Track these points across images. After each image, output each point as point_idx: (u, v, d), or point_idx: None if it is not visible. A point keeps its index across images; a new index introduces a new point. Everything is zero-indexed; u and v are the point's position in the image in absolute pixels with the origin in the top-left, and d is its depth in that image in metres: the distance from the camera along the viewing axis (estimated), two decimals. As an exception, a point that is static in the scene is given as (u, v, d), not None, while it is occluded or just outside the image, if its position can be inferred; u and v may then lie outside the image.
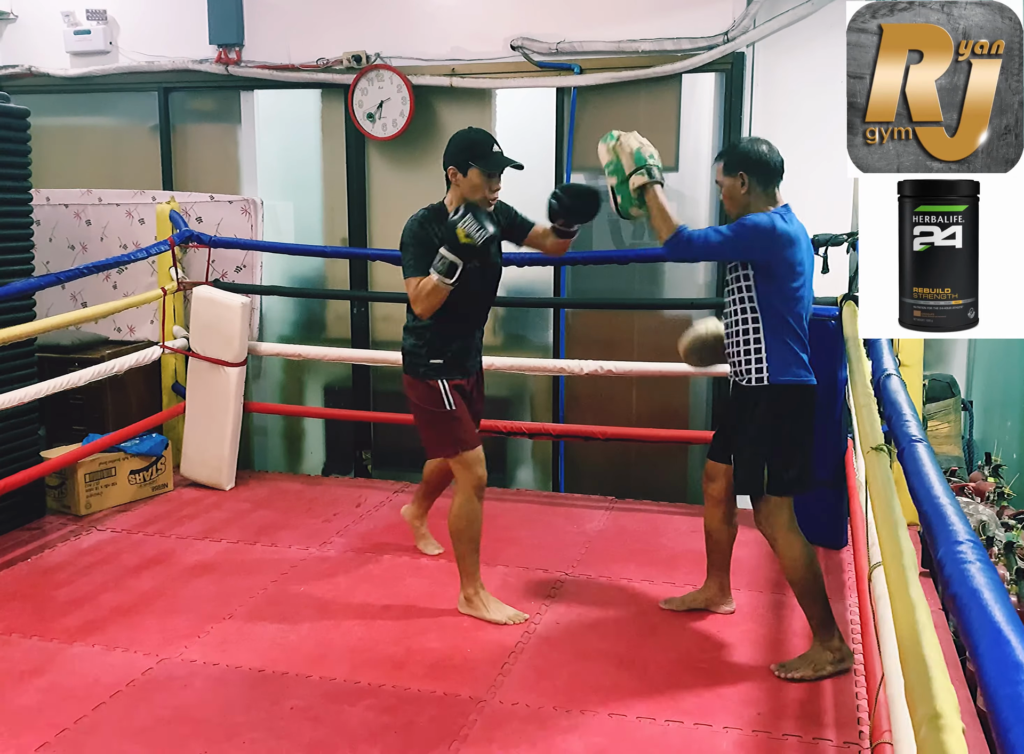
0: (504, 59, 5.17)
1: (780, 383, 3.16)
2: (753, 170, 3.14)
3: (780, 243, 3.08)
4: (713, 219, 5.11)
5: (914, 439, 1.77)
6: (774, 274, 3.12)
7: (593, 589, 3.88)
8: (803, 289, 3.17)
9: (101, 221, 5.78)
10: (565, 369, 4.82)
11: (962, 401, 5.22)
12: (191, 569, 4.09)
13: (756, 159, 3.15)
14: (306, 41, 5.44)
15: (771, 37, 4.84)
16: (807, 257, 3.19)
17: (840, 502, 4.14)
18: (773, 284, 3.13)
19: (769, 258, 3.10)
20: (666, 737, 2.84)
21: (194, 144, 5.86)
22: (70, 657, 3.33)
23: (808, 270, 3.20)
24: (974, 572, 1.15)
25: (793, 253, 3.11)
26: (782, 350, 3.16)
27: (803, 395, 3.20)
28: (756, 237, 3.07)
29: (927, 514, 1.39)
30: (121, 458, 4.85)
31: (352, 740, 2.83)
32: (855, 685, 3.09)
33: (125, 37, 5.78)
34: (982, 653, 0.99)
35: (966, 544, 1.23)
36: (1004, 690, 0.92)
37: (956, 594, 1.13)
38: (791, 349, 3.17)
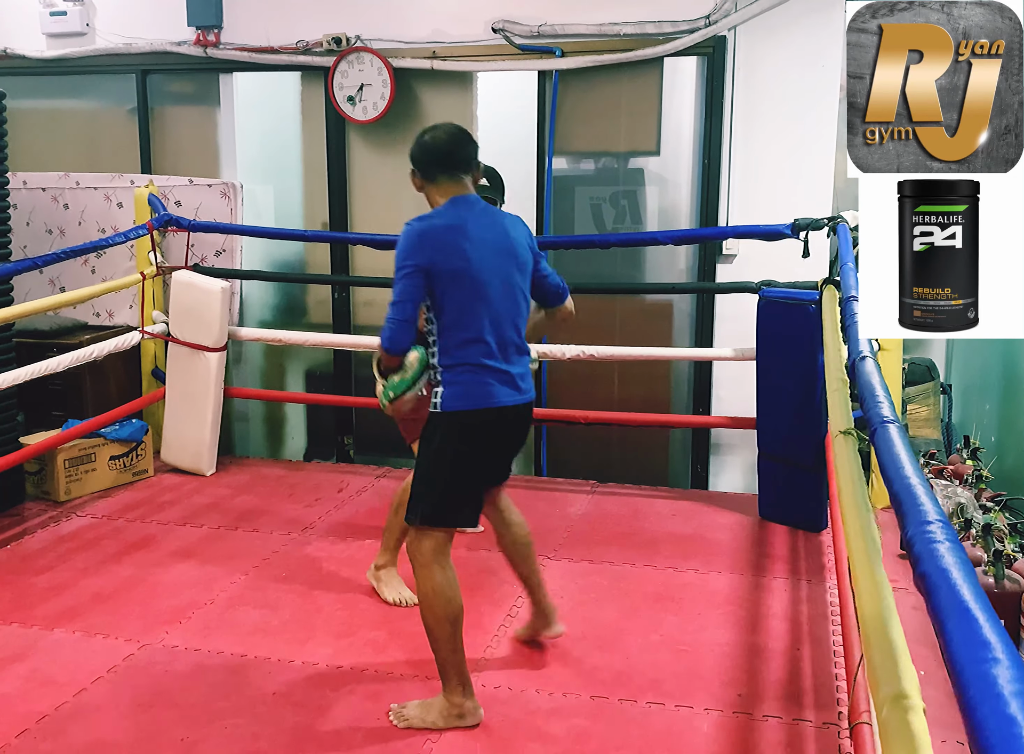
0: (485, 42, 5.14)
1: (441, 411, 2.78)
2: (417, 164, 2.84)
3: (421, 248, 2.70)
4: (695, 202, 5.12)
5: (885, 420, 1.78)
6: (436, 284, 2.71)
7: (575, 572, 3.89)
8: (474, 301, 2.72)
9: (79, 205, 5.73)
10: (547, 354, 4.82)
11: (941, 385, 5.25)
12: (172, 555, 4.08)
13: (415, 152, 2.84)
14: (286, 23, 5.40)
15: (752, 21, 4.83)
16: (481, 252, 2.73)
17: (820, 485, 4.16)
18: (440, 298, 2.73)
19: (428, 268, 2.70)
20: (648, 719, 2.86)
21: (173, 127, 5.81)
22: (51, 643, 3.32)
23: (483, 267, 2.73)
24: (943, 551, 1.15)
25: (442, 254, 2.70)
26: (451, 373, 2.77)
27: (450, 423, 2.78)
28: (405, 255, 2.70)
29: (897, 494, 1.39)
30: (101, 444, 4.82)
31: (335, 725, 2.83)
32: (834, 666, 3.12)
33: (102, 18, 5.71)
34: (950, 631, 1.00)
35: (935, 524, 1.24)
36: (971, 668, 0.93)
37: (925, 573, 1.13)
38: (452, 370, 2.77)
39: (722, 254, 5.04)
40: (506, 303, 2.79)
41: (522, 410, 2.88)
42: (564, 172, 5.31)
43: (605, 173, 5.33)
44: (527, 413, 2.93)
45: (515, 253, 2.83)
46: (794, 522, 4.35)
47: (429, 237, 2.72)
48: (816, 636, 3.34)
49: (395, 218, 5.40)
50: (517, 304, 2.84)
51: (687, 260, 5.20)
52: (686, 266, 5.22)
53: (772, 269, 4.54)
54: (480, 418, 2.79)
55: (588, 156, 5.35)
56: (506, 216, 2.93)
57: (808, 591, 3.69)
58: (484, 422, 2.79)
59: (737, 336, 4.73)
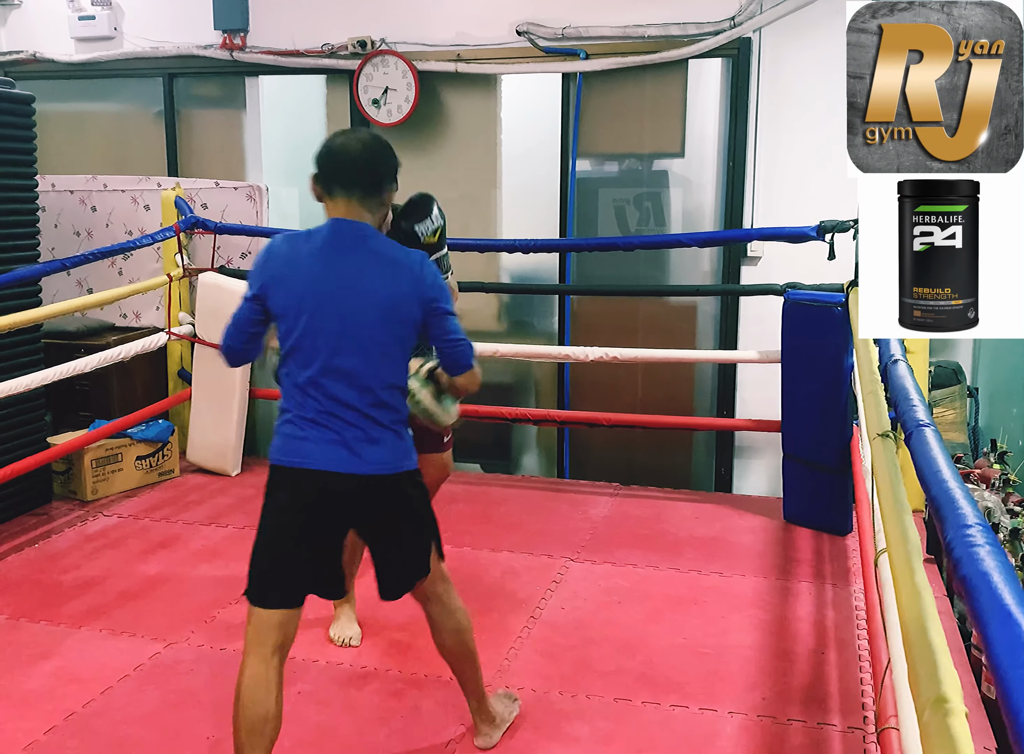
0: (509, 44, 5.15)
1: (269, 462, 2.38)
2: (319, 170, 2.39)
3: (261, 271, 2.34)
4: (719, 204, 5.10)
5: (921, 423, 1.77)
6: (273, 316, 2.35)
7: (598, 575, 3.89)
8: (304, 348, 2.28)
9: (106, 207, 5.78)
10: (570, 356, 4.81)
11: (967, 388, 5.20)
12: (197, 554, 4.10)
13: (319, 156, 2.40)
14: (311, 26, 5.43)
15: (778, 22, 4.81)
16: (323, 291, 2.27)
17: (846, 488, 4.14)
18: (278, 331, 2.36)
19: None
20: (671, 722, 2.85)
21: (199, 130, 5.85)
22: (77, 642, 3.35)
23: (320, 311, 2.27)
24: (983, 555, 1.14)
25: (268, 281, 2.31)
26: (280, 419, 2.36)
27: (269, 477, 2.37)
28: (252, 273, 2.37)
29: (935, 498, 1.38)
30: (127, 444, 4.86)
31: (359, 724, 2.84)
32: (859, 671, 3.10)
33: (130, 23, 5.76)
34: (991, 635, 0.99)
35: (975, 527, 1.23)
36: (1014, 672, 0.92)
37: (965, 576, 1.12)
38: (281, 416, 2.36)
39: (747, 256, 5.02)
40: (352, 358, 2.27)
41: (356, 483, 2.29)
42: (588, 174, 5.31)
43: (629, 175, 5.32)
44: (370, 490, 2.31)
45: (380, 302, 2.28)
46: (819, 525, 4.33)
47: (270, 260, 2.34)
48: (841, 640, 3.32)
49: (419, 220, 5.43)
50: (371, 363, 2.29)
51: (711, 262, 5.19)
52: (710, 268, 5.20)
53: (797, 271, 4.52)
54: (286, 478, 2.31)
55: (612, 158, 5.34)
56: (395, 257, 2.34)
57: (833, 595, 3.67)
58: (291, 484, 2.30)
59: (762, 338, 4.71)
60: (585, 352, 4.74)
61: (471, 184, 5.40)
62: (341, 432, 2.28)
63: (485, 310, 5.51)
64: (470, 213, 5.41)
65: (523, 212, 5.42)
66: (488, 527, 4.40)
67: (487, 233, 5.40)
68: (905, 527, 1.61)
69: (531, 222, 5.34)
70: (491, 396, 5.27)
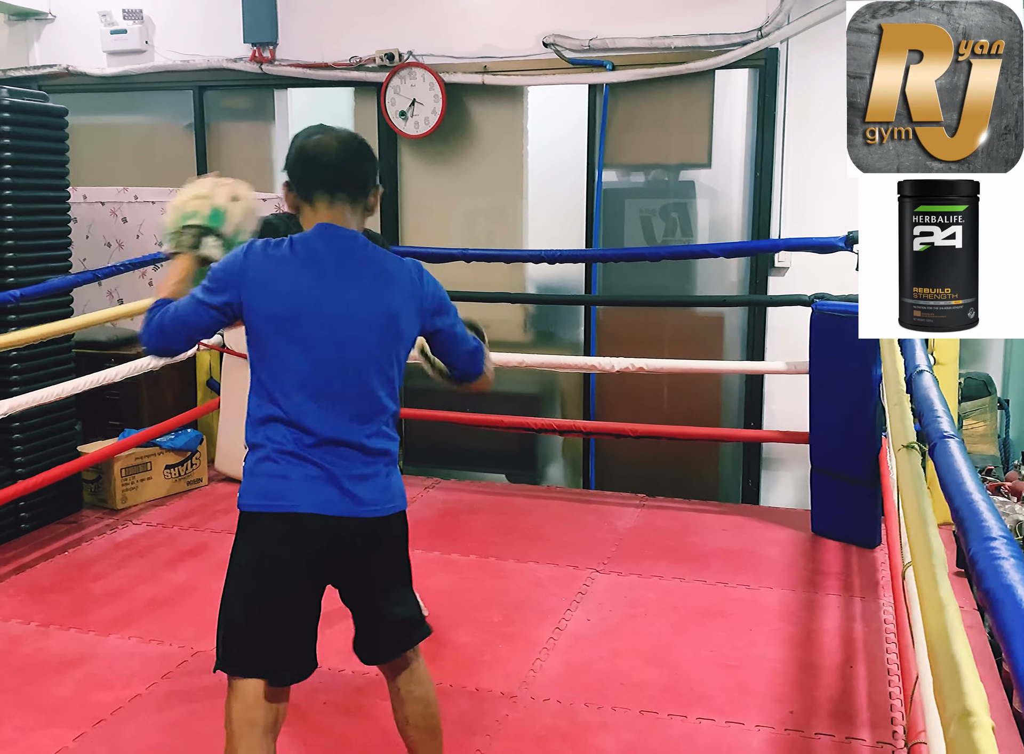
0: (536, 56, 5.17)
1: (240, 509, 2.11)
2: (292, 175, 2.16)
3: (237, 280, 2.06)
4: (747, 215, 5.09)
5: (945, 435, 1.75)
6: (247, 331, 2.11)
7: (624, 586, 3.88)
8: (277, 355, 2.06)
9: (137, 219, 5.84)
10: (596, 366, 4.81)
11: (998, 400, 5.16)
12: (225, 563, 4.11)
13: (291, 159, 2.16)
14: (339, 39, 5.47)
15: (805, 33, 4.80)
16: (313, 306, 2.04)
17: (874, 501, 4.11)
18: (252, 349, 2.13)
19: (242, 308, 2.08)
20: (697, 735, 2.83)
21: (228, 142, 5.91)
22: (107, 649, 3.37)
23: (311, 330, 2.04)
24: (1008, 568, 1.13)
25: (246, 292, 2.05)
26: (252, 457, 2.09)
27: (242, 528, 2.11)
28: (222, 278, 2.08)
29: (959, 510, 1.37)
30: (157, 453, 4.91)
31: (385, 734, 2.84)
32: (888, 685, 3.07)
33: (161, 36, 5.84)
34: (1016, 649, 0.98)
35: (999, 540, 1.22)
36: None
37: (989, 590, 1.11)
38: (254, 452, 2.08)
39: (774, 266, 5.00)
40: (343, 381, 2.06)
41: (353, 528, 2.04)
42: (614, 185, 5.31)
43: (655, 185, 5.32)
44: (370, 535, 2.08)
45: (376, 318, 2.07)
46: (847, 538, 4.29)
47: (249, 268, 2.06)
48: (870, 654, 3.29)
49: (445, 232, 5.46)
50: (365, 386, 2.08)
51: (739, 272, 5.17)
52: (738, 278, 5.19)
53: (825, 281, 4.50)
54: (270, 527, 2.03)
55: (638, 168, 5.34)
56: (390, 268, 2.13)
57: (862, 608, 3.64)
58: (280, 534, 2.03)
59: (789, 349, 4.69)
60: (611, 363, 4.73)
61: (497, 195, 5.42)
62: (333, 470, 2.03)
63: (511, 321, 5.52)
64: (496, 224, 5.43)
65: (549, 223, 5.44)
66: (513, 538, 4.40)
67: (513, 244, 5.42)
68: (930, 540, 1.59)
69: (557, 233, 5.35)
70: (517, 406, 5.28)
